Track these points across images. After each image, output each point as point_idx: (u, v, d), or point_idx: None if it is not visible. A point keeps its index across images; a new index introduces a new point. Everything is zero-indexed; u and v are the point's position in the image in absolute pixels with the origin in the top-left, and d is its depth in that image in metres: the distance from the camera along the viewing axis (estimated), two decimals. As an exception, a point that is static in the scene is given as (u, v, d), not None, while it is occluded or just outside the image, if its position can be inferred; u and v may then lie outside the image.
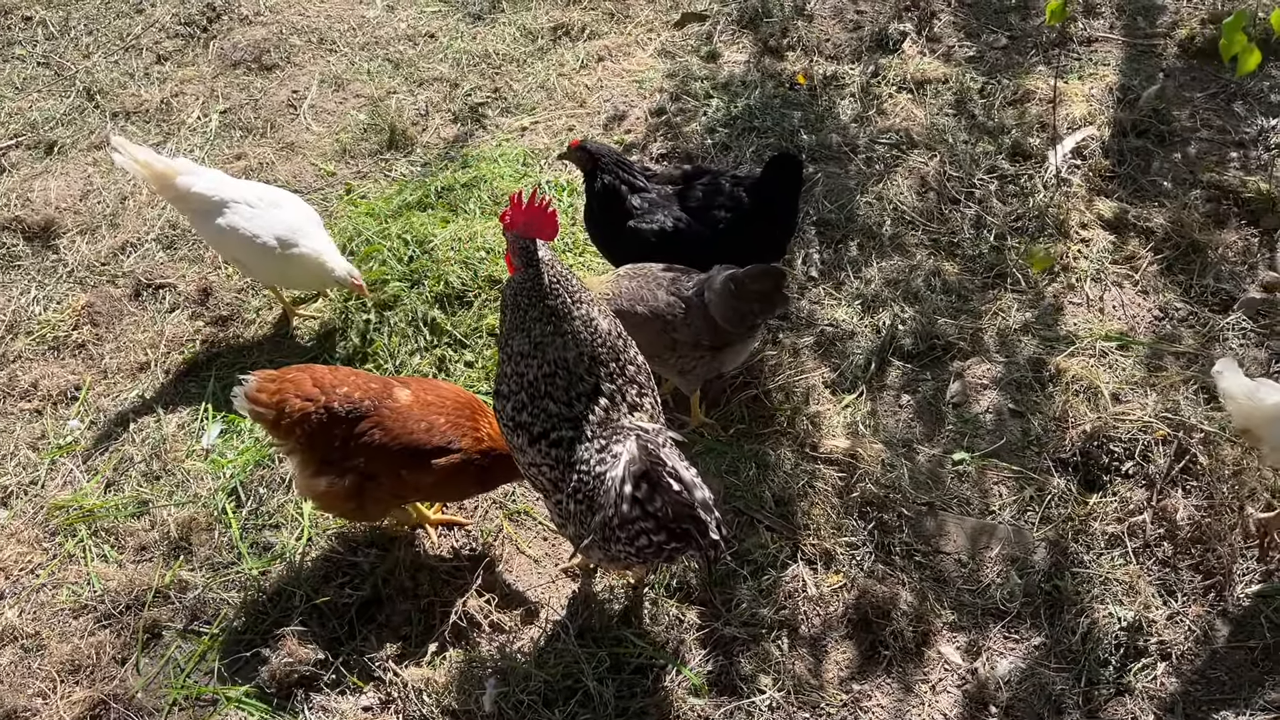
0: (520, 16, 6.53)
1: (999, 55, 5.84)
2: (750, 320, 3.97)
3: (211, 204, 4.52)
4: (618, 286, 4.06)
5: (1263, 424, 3.45)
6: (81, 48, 6.57)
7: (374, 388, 3.61)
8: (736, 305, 3.89)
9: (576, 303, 3.25)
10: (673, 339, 3.96)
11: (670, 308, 3.95)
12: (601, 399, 3.22)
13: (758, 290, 3.88)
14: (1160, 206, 4.91)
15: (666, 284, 4.02)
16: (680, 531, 3.00)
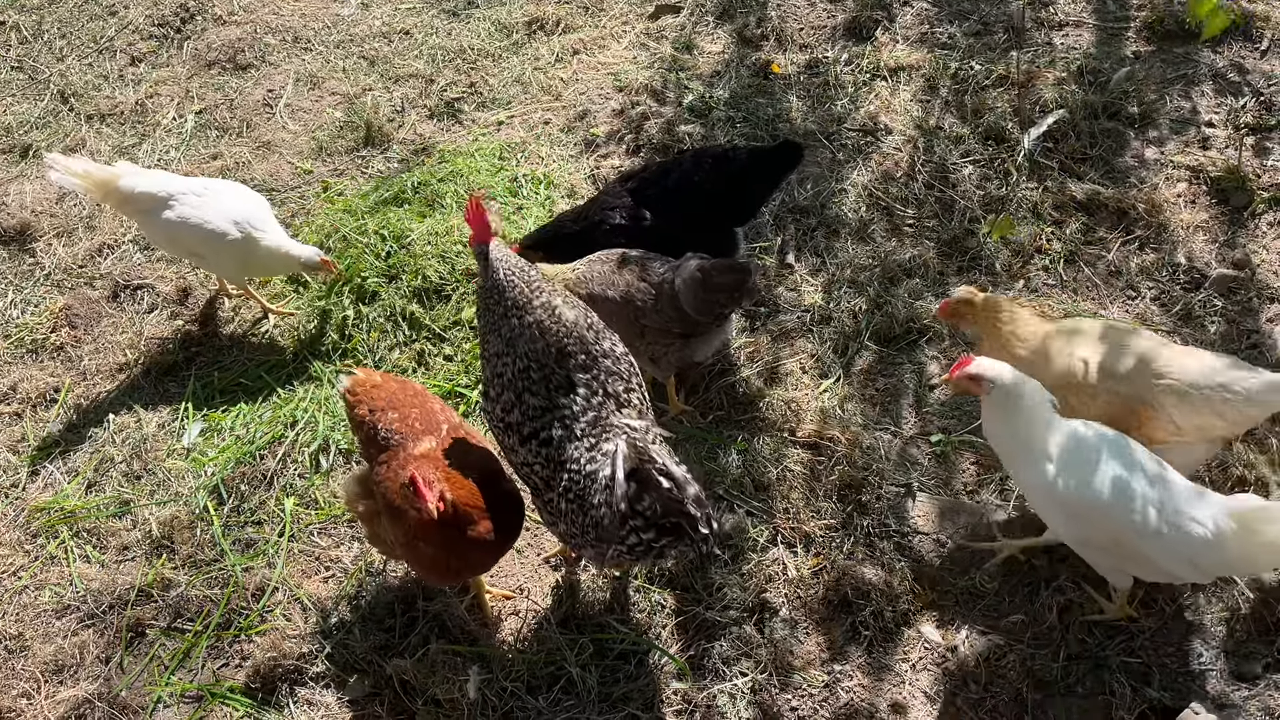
0: (495, 11, 6.53)
1: (971, 41, 5.87)
2: (718, 310, 3.99)
3: (158, 200, 4.51)
4: (589, 270, 4.09)
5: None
6: (55, 51, 6.55)
7: (416, 427, 3.40)
8: (704, 296, 3.92)
9: (536, 292, 3.29)
10: (642, 326, 3.98)
11: (641, 293, 3.97)
12: (579, 390, 3.24)
13: (724, 283, 3.90)
14: (1132, 187, 4.95)
15: (640, 269, 4.04)
16: (671, 526, 3.02)
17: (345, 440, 4.24)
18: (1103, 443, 3.28)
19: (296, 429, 4.30)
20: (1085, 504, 3.21)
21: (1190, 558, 3.14)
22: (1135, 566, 3.34)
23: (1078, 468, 3.23)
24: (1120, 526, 3.18)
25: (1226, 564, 3.21)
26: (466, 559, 3.30)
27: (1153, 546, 3.15)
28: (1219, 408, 3.39)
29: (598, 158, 5.46)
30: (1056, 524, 3.40)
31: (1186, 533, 3.11)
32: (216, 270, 4.82)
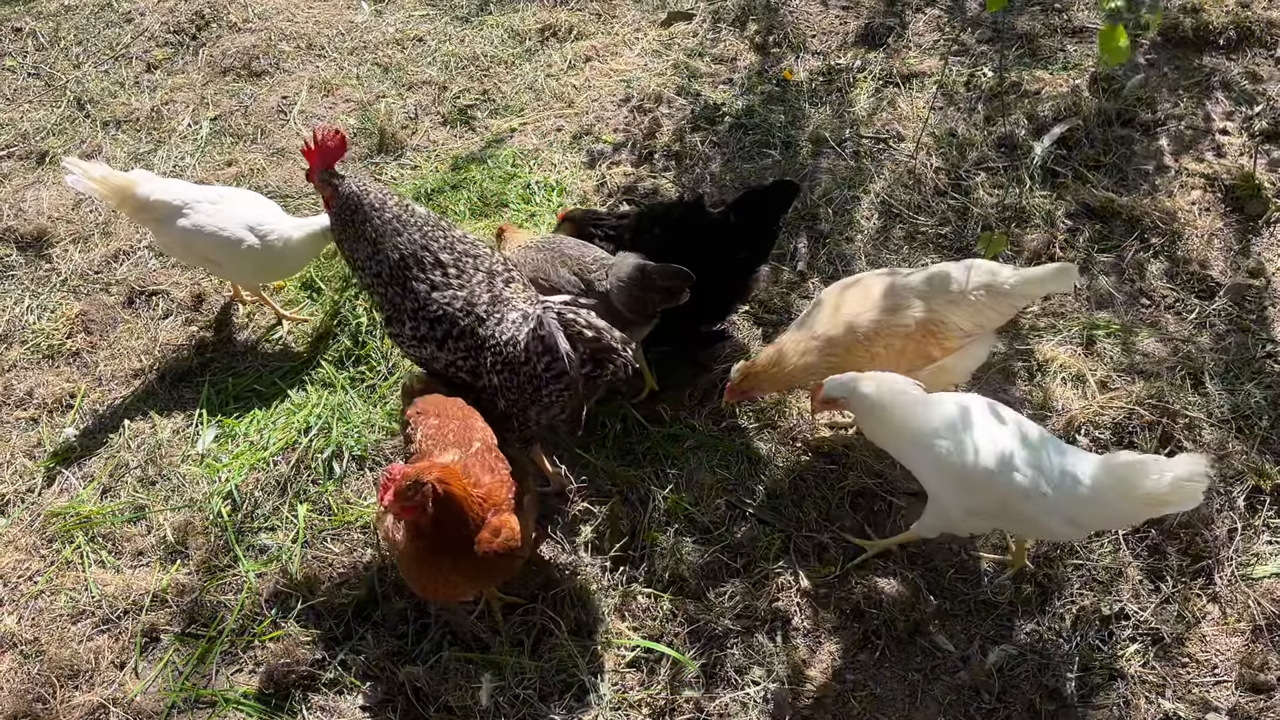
0: (508, 18, 6.56)
1: (984, 49, 5.87)
2: (650, 310, 3.98)
3: (173, 208, 4.54)
4: (524, 256, 4.17)
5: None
6: (71, 58, 6.60)
7: (449, 438, 3.44)
8: (641, 295, 3.91)
9: (387, 196, 3.73)
10: None
11: (569, 286, 4.01)
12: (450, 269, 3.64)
13: (666, 286, 3.89)
14: (1145, 195, 4.94)
15: (572, 262, 4.08)
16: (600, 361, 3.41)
17: (359, 447, 4.26)
18: (979, 412, 3.41)
19: (310, 435, 4.32)
20: (975, 473, 3.30)
21: (1071, 515, 3.26)
22: (1019, 527, 3.52)
23: (963, 440, 3.34)
24: (1007, 491, 3.27)
25: (1105, 519, 3.36)
26: (438, 575, 3.29)
27: (1037, 507, 3.25)
28: (991, 302, 3.73)
29: (609, 165, 5.47)
30: (948, 498, 3.47)
31: (1068, 491, 3.22)
32: (232, 276, 4.84)
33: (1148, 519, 3.43)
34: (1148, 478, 3.12)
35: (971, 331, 3.80)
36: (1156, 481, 3.10)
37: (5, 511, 4.25)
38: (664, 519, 3.93)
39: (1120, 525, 3.60)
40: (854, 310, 3.85)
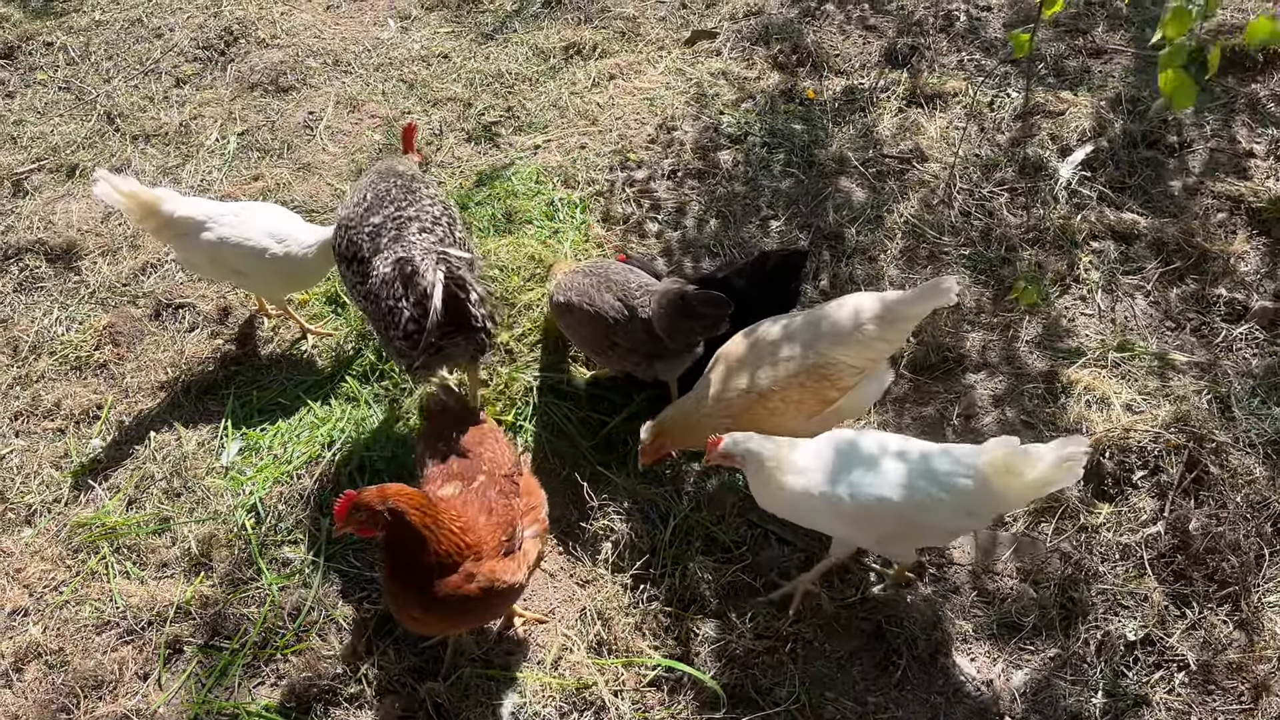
0: (533, 36, 6.61)
1: (1008, 69, 5.87)
2: (689, 339, 4.02)
3: (197, 222, 4.59)
4: (570, 280, 4.23)
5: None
6: (102, 72, 6.68)
7: (454, 469, 3.48)
8: (680, 322, 3.94)
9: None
10: (612, 341, 4.05)
11: (615, 311, 4.06)
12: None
13: (705, 314, 3.92)
14: (1171, 217, 4.92)
15: (617, 286, 4.12)
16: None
17: (381, 461, 4.28)
18: (859, 444, 3.46)
19: (334, 449, 4.34)
20: (875, 506, 3.31)
21: (967, 509, 3.32)
22: (926, 539, 3.56)
23: (854, 479, 3.36)
24: (907, 511, 3.30)
25: (997, 505, 3.41)
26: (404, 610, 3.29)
27: (937, 515, 3.31)
28: (880, 333, 3.72)
29: (632, 181, 5.49)
30: (855, 537, 3.52)
31: (958, 490, 3.27)
32: (258, 288, 4.88)
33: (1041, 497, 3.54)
34: (1032, 464, 3.20)
35: (864, 367, 3.77)
36: (1040, 466, 3.19)
37: (32, 522, 4.29)
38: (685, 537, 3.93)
39: (1015, 507, 3.71)
40: (747, 368, 3.84)
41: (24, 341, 5.00)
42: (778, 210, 5.20)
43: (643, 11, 6.71)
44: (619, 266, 4.30)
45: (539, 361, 4.60)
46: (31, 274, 5.35)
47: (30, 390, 4.78)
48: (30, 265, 5.39)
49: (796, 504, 3.48)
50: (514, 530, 3.36)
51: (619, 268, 4.28)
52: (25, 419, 4.68)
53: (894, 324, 3.73)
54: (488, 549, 3.24)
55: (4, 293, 5.27)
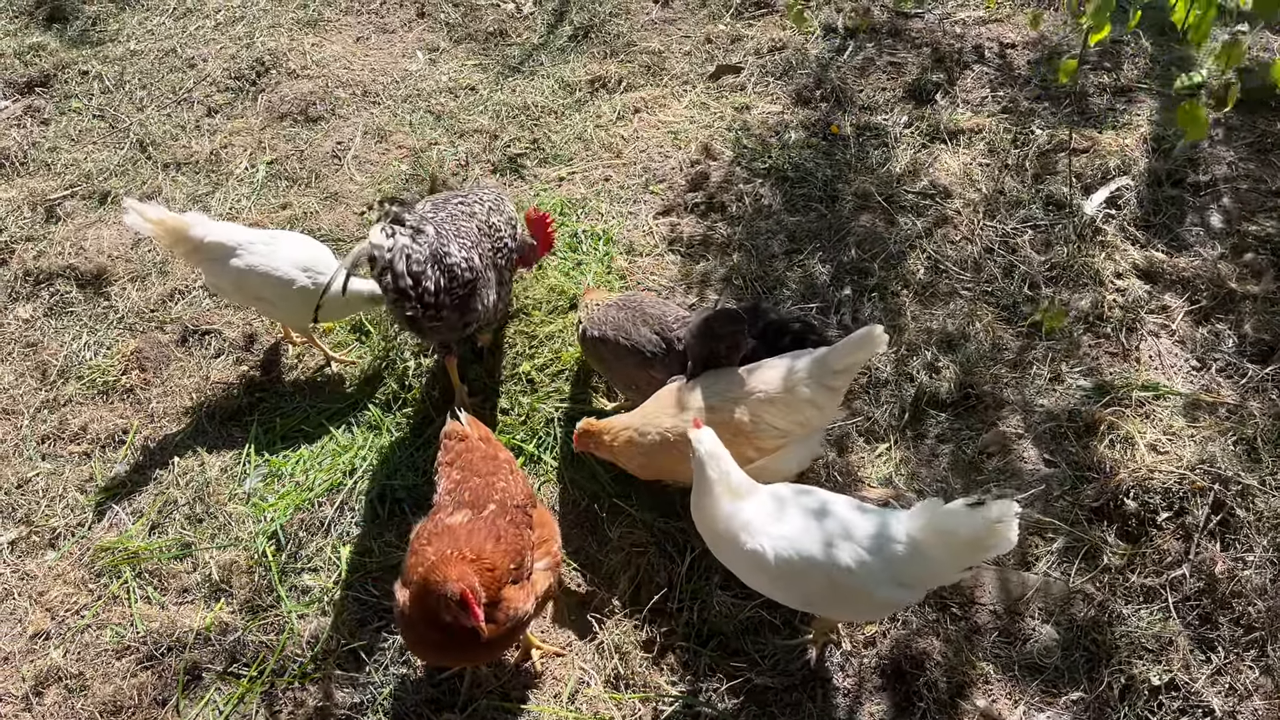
0: (559, 69, 6.68)
1: (1032, 106, 5.88)
2: (720, 363, 4.00)
3: (226, 249, 4.64)
4: (604, 314, 4.25)
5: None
6: (135, 101, 6.80)
7: (466, 497, 3.49)
8: (708, 345, 3.97)
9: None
10: (650, 375, 4.07)
11: (650, 344, 4.10)
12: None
13: (726, 333, 3.94)
14: (1196, 256, 4.90)
15: (653, 320, 4.15)
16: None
17: (403, 490, 4.29)
18: (791, 499, 3.37)
19: (355, 477, 4.37)
20: (799, 564, 3.22)
21: (895, 577, 3.18)
22: (850, 608, 3.39)
23: (783, 530, 3.28)
24: (831, 573, 3.19)
25: (931, 574, 3.25)
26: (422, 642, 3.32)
27: (860, 578, 3.17)
28: (813, 395, 3.68)
29: (656, 214, 5.52)
30: (782, 597, 3.41)
31: (888, 555, 3.17)
32: (283, 317, 4.92)
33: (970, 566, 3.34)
34: (961, 524, 3.08)
35: (788, 430, 3.74)
36: (971, 526, 3.06)
37: (56, 545, 4.33)
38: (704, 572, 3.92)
39: (947, 578, 3.41)
40: (671, 408, 3.84)
41: (53, 365, 5.06)
42: (800, 244, 5.21)
43: (668, 46, 6.77)
44: (653, 299, 4.31)
45: (560, 392, 4.62)
46: (62, 299, 5.43)
47: (58, 414, 4.84)
48: (61, 290, 5.46)
49: (719, 543, 3.41)
50: (523, 560, 3.37)
51: (653, 300, 4.29)
52: (52, 442, 4.74)
53: (824, 380, 3.68)
54: (500, 580, 3.25)
55: (35, 317, 5.35)
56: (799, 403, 3.70)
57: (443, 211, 4.28)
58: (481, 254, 4.22)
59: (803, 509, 3.33)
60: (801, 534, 3.25)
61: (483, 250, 4.25)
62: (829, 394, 3.73)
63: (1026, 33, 6.39)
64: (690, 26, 6.95)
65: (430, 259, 4.00)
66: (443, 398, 4.66)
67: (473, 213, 4.34)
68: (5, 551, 4.32)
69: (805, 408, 3.72)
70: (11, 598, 4.16)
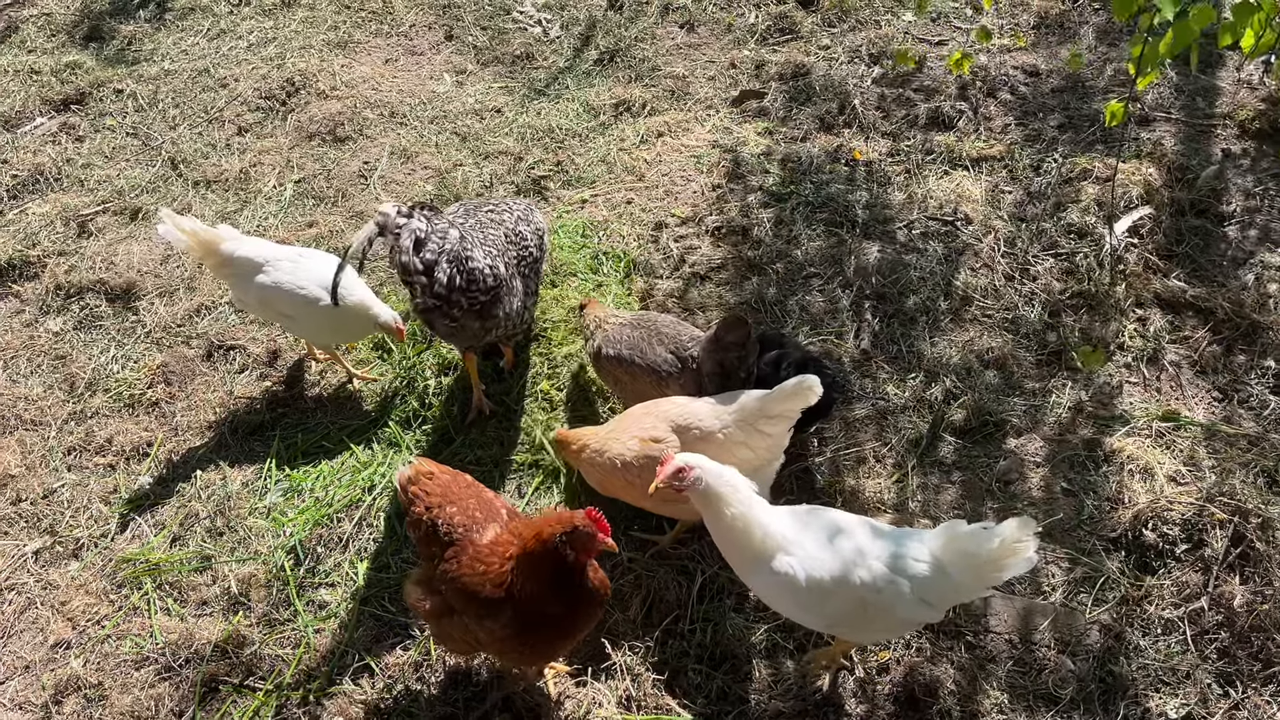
0: (584, 93, 6.75)
1: (1055, 134, 5.89)
2: (731, 373, 4.02)
3: (254, 265, 4.71)
4: (619, 333, 4.29)
5: None
6: (168, 119, 6.92)
7: (477, 516, 3.39)
8: (716, 356, 4.01)
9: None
10: (664, 394, 4.08)
11: (666, 364, 4.14)
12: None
13: (732, 340, 3.97)
14: (1219, 286, 4.88)
15: (669, 340, 4.18)
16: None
17: (420, 507, 4.32)
18: (812, 520, 3.35)
19: (374, 493, 4.41)
20: (830, 586, 3.20)
21: (922, 596, 3.19)
22: (875, 628, 3.36)
23: (811, 552, 3.25)
24: (860, 593, 3.19)
25: (954, 593, 3.26)
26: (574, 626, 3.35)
27: (888, 597, 3.18)
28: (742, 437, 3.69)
29: (677, 238, 5.56)
30: (807, 619, 3.39)
31: (912, 574, 3.18)
32: (306, 334, 4.98)
33: (992, 586, 3.32)
34: (982, 544, 3.10)
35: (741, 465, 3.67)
36: (990, 545, 3.08)
37: (79, 555, 4.39)
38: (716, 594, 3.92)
39: (969, 597, 3.44)
40: (628, 433, 3.85)
41: (81, 378, 5.15)
42: (820, 269, 5.22)
43: (692, 71, 6.83)
44: (668, 319, 4.35)
45: (576, 411, 4.64)
46: (91, 312, 5.52)
47: (84, 426, 4.91)
48: (91, 304, 5.56)
49: (745, 560, 3.34)
50: None
51: (668, 320, 4.33)
52: (78, 454, 4.81)
53: (755, 423, 3.69)
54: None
55: (65, 330, 5.44)
56: (730, 445, 3.71)
57: (471, 218, 4.39)
58: (506, 262, 4.30)
59: (825, 530, 3.33)
60: (830, 555, 3.25)
61: (508, 259, 4.32)
62: (761, 438, 3.73)
63: (1050, 61, 6.41)
64: (714, 52, 7.01)
65: (448, 255, 4.10)
66: (461, 414, 4.70)
67: (501, 220, 4.44)
68: (30, 561, 4.38)
69: (738, 449, 3.72)
70: (34, 607, 4.21)
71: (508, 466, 4.48)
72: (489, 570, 3.24)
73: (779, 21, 7.13)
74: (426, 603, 3.40)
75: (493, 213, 4.48)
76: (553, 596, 3.20)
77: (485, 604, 3.23)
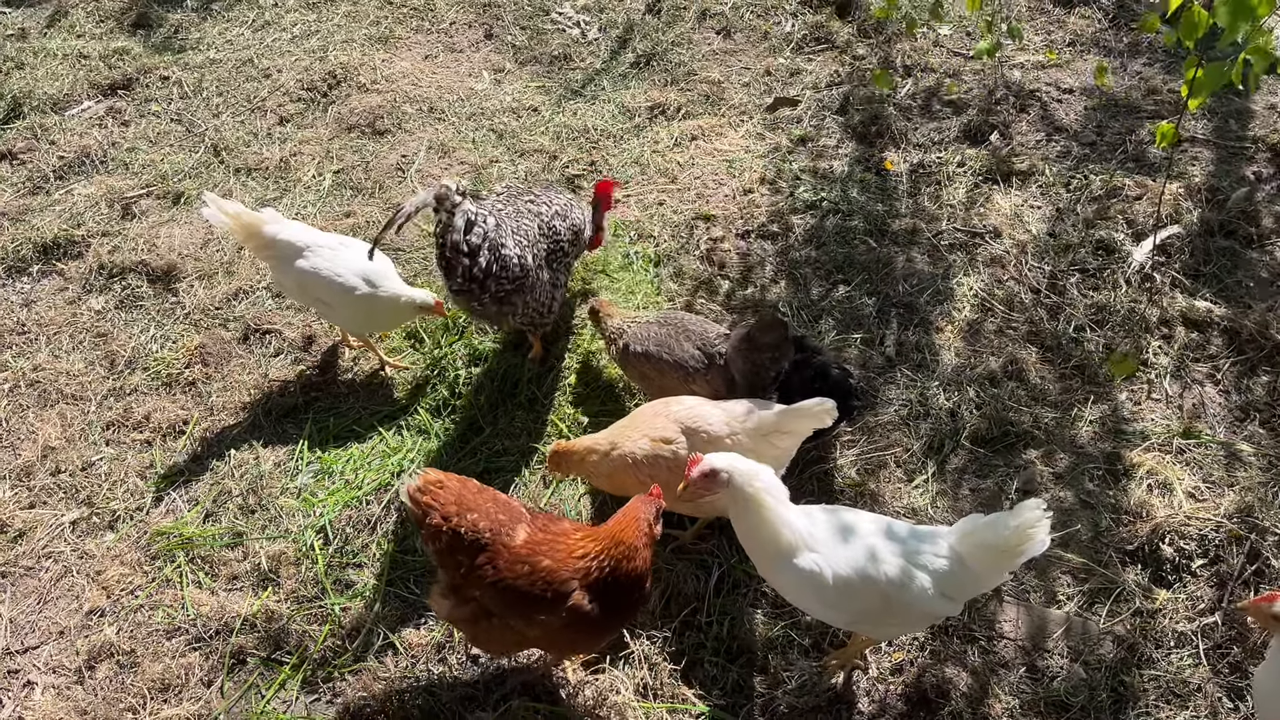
0: (620, 95, 6.84)
1: (1085, 151, 5.93)
2: (763, 373, 4.10)
3: (295, 249, 4.82)
4: (646, 330, 4.38)
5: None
6: (212, 107, 7.06)
7: (501, 519, 3.41)
8: (752, 356, 4.08)
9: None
10: (691, 390, 4.16)
11: (692, 360, 4.21)
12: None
13: (768, 342, 4.05)
14: (1245, 308, 4.91)
15: (695, 336, 4.26)
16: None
17: (447, 494, 4.42)
18: (833, 519, 3.42)
19: (402, 478, 4.51)
20: (856, 582, 3.27)
21: (943, 591, 3.28)
22: (897, 623, 3.45)
23: (834, 551, 3.33)
24: (885, 589, 3.27)
25: (974, 584, 3.37)
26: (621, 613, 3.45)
27: (912, 594, 3.26)
28: (751, 445, 3.78)
29: (707, 240, 5.63)
30: (831, 616, 3.45)
31: (934, 569, 3.27)
32: (341, 321, 5.09)
33: (1009, 573, 3.43)
34: (998, 532, 3.20)
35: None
36: (1004, 532, 3.18)
37: (115, 527, 4.51)
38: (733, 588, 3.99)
39: (986, 588, 3.52)
40: (638, 432, 3.90)
41: (121, 356, 5.28)
42: (848, 276, 5.29)
43: (728, 77, 6.91)
44: (693, 317, 4.44)
45: (603, 406, 4.73)
46: (133, 293, 5.65)
47: (123, 402, 5.04)
48: (132, 284, 5.69)
49: (770, 557, 3.38)
50: None
51: (693, 318, 4.42)
52: (116, 429, 4.93)
53: (767, 435, 3.78)
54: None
55: (107, 309, 5.58)
56: (740, 451, 3.72)
57: (510, 205, 4.53)
58: (535, 254, 4.41)
59: (847, 528, 3.40)
60: (854, 552, 3.32)
61: (537, 251, 4.43)
62: (770, 449, 3.82)
63: (1084, 79, 6.45)
64: (750, 59, 7.09)
65: (489, 241, 4.24)
66: (489, 405, 4.79)
67: (538, 213, 4.57)
68: (67, 531, 4.50)
69: (747, 456, 3.71)
70: (70, 575, 4.34)
71: (533, 456, 4.57)
72: (555, 568, 3.32)
73: (815, 31, 7.20)
74: (460, 611, 3.44)
75: (532, 204, 4.60)
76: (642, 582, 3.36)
77: (538, 602, 3.30)
